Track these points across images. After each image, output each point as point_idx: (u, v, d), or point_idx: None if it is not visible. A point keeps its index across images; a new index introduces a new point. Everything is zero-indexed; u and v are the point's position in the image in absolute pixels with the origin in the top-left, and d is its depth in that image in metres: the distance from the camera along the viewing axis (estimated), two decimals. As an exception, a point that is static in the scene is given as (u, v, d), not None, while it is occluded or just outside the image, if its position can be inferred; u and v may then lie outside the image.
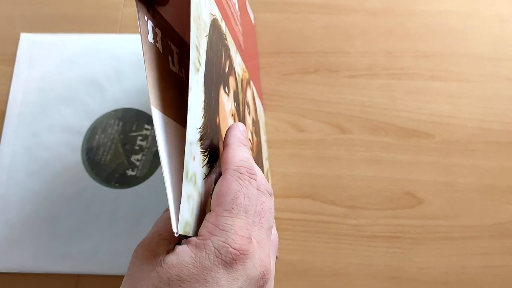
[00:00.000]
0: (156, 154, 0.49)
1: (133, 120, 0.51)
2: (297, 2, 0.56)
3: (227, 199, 0.25)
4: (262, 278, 0.25)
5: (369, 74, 0.53)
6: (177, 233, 0.22)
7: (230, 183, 0.25)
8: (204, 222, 0.25)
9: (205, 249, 0.23)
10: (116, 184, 0.49)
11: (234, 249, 0.23)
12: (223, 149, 0.28)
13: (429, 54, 0.54)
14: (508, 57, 0.53)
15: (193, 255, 0.23)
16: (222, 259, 0.23)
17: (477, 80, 0.53)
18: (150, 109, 0.50)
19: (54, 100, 0.52)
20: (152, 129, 0.50)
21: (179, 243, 0.24)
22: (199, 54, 0.26)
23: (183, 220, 0.23)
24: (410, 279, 0.46)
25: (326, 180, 0.49)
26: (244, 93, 0.39)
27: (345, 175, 0.49)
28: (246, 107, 0.40)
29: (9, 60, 0.54)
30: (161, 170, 0.48)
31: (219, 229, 0.24)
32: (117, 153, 0.50)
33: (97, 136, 0.50)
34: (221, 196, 0.25)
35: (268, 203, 0.29)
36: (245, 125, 0.35)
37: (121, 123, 0.51)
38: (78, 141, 0.50)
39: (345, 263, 0.47)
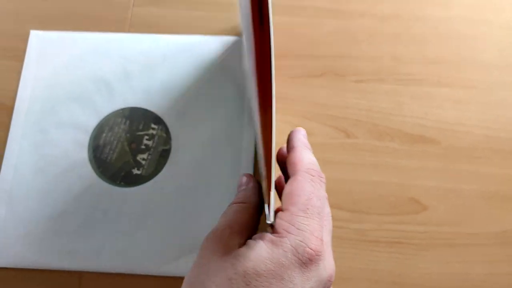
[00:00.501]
0: (162, 154, 0.50)
1: (140, 119, 0.51)
2: (305, 6, 0.56)
3: (301, 199, 0.25)
4: (329, 280, 0.26)
5: (375, 79, 0.53)
6: (270, 222, 0.23)
7: (303, 184, 0.26)
8: (278, 220, 0.25)
9: (282, 246, 0.24)
10: (122, 183, 0.49)
11: (311, 249, 0.24)
12: (287, 151, 0.29)
13: (436, 60, 0.54)
14: (516, 64, 0.53)
15: (270, 251, 0.24)
16: (299, 258, 0.24)
17: (484, 87, 0.53)
18: (157, 109, 0.51)
19: (62, 97, 0.52)
20: (159, 128, 0.51)
21: (249, 238, 0.25)
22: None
23: (273, 209, 0.24)
24: (413, 284, 0.46)
25: (331, 183, 0.49)
26: None
27: (350, 179, 0.50)
28: None
29: (19, 56, 0.54)
30: (171, 169, 0.48)
31: (296, 228, 0.24)
32: (123, 151, 0.50)
33: (104, 134, 0.51)
34: (294, 196, 0.26)
35: (328, 208, 0.30)
36: None
37: (128, 122, 0.51)
38: (85, 139, 0.51)
39: (347, 267, 0.47)
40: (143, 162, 0.50)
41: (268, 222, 0.23)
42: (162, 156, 0.50)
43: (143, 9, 0.56)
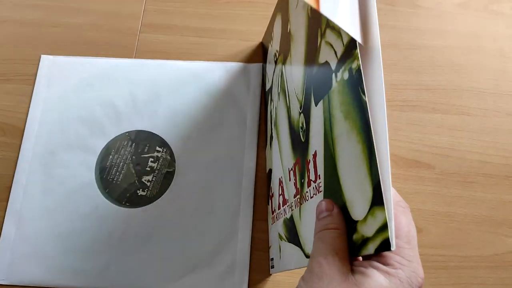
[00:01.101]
0: (166, 176, 0.52)
1: (145, 142, 0.53)
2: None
3: (402, 232, 0.27)
4: None
5: (373, 105, 0.55)
6: (393, 249, 0.24)
7: (399, 216, 0.28)
8: (387, 253, 0.27)
9: (398, 277, 0.26)
10: (127, 204, 0.51)
11: (421, 278, 0.26)
12: None
13: (432, 87, 0.56)
14: (509, 92, 0.55)
15: (388, 281, 0.26)
16: (412, 287, 0.26)
17: (478, 114, 0.54)
18: (162, 132, 0.53)
19: (71, 120, 0.54)
20: (163, 151, 0.53)
21: (353, 265, 0.27)
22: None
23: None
24: (406, 306, 0.48)
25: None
26: None
27: (347, 202, 0.51)
28: None
29: (30, 80, 0.56)
30: (175, 191, 0.50)
31: (406, 260, 0.26)
32: (129, 173, 0.52)
33: (110, 157, 0.53)
34: (396, 229, 0.27)
35: None
36: None
37: (134, 145, 0.53)
38: (92, 161, 0.53)
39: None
40: (148, 184, 0.52)
41: (392, 249, 0.24)
42: (166, 178, 0.52)
43: (150, 36, 0.58)
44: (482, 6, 0.60)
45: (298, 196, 0.38)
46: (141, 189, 0.51)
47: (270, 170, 0.50)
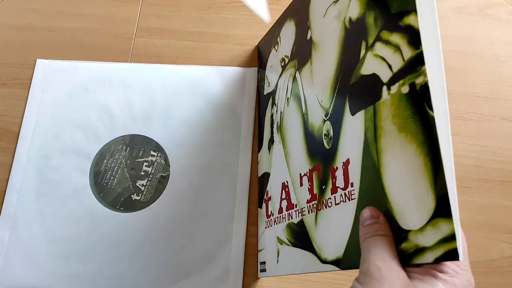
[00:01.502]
0: (160, 180, 0.52)
1: (140, 147, 0.53)
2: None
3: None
4: None
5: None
6: (461, 259, 0.25)
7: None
8: (446, 261, 0.27)
9: (455, 285, 0.27)
10: (121, 208, 0.51)
11: (473, 286, 0.28)
12: None
13: (427, 91, 0.55)
14: (504, 97, 0.55)
15: None
16: None
17: (473, 118, 0.54)
18: (156, 136, 0.53)
19: (65, 124, 0.54)
20: (158, 155, 0.53)
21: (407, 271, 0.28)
22: None
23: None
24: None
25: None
26: None
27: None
28: None
29: (25, 84, 0.56)
30: (169, 195, 0.50)
31: (461, 269, 0.27)
32: (123, 177, 0.52)
33: (105, 161, 0.53)
34: None
35: None
36: None
37: (128, 149, 0.53)
38: (87, 165, 0.52)
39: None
40: (142, 188, 0.51)
41: (461, 259, 0.25)
42: (161, 182, 0.52)
43: (145, 40, 0.59)
44: (477, 10, 0.60)
45: (314, 202, 0.38)
46: (135, 194, 0.51)
47: (265, 174, 0.50)
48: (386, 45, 0.30)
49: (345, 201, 0.34)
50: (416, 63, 0.27)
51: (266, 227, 0.48)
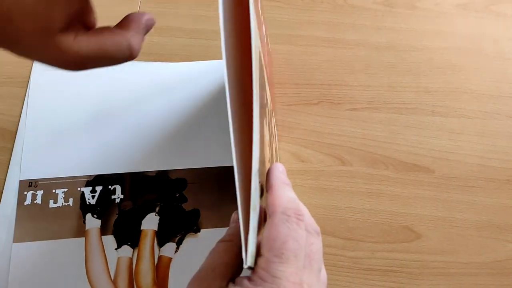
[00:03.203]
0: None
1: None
2: (302, 35, 0.57)
3: (276, 244, 0.25)
4: None
5: (370, 108, 0.54)
6: (246, 266, 0.23)
7: (279, 227, 0.26)
8: (256, 267, 0.25)
9: None
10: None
11: None
12: (266, 190, 0.29)
13: (431, 89, 0.55)
14: (509, 94, 0.54)
15: None
16: None
17: (478, 116, 0.53)
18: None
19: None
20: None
21: (232, 280, 0.25)
22: (257, 89, 0.26)
23: (250, 252, 0.23)
24: (405, 314, 0.46)
25: (325, 211, 0.50)
26: (272, 123, 0.40)
27: (344, 207, 0.50)
28: (273, 136, 0.41)
29: (22, 82, 0.56)
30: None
31: (271, 275, 0.24)
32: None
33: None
34: (270, 241, 0.25)
35: (317, 244, 0.29)
36: (272, 154, 0.35)
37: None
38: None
39: (341, 294, 0.47)
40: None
41: (245, 266, 0.23)
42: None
43: (144, 38, 0.58)
44: (482, 6, 0.59)
45: None
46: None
47: None
48: None
49: None
50: None
51: None
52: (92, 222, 0.49)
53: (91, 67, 0.25)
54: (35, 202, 0.50)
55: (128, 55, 0.25)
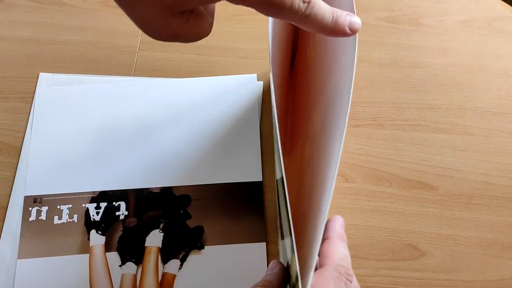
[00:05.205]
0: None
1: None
2: (307, 51, 0.58)
3: None
4: None
5: (374, 124, 0.54)
6: None
7: (328, 280, 0.26)
8: None
9: None
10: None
11: None
12: (322, 241, 0.29)
13: (435, 106, 0.55)
14: (514, 112, 0.54)
15: None
16: None
17: (482, 133, 0.53)
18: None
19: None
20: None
21: None
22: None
23: None
24: (409, 333, 0.46)
25: (329, 228, 0.50)
26: None
27: (348, 224, 0.50)
28: None
29: (28, 98, 0.56)
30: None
31: None
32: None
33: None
34: None
35: None
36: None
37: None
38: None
39: (345, 312, 0.47)
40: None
41: None
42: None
43: (149, 54, 0.58)
44: (485, 24, 0.59)
45: None
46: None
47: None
48: None
49: None
50: None
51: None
52: (97, 239, 0.49)
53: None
54: (40, 218, 0.50)
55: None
